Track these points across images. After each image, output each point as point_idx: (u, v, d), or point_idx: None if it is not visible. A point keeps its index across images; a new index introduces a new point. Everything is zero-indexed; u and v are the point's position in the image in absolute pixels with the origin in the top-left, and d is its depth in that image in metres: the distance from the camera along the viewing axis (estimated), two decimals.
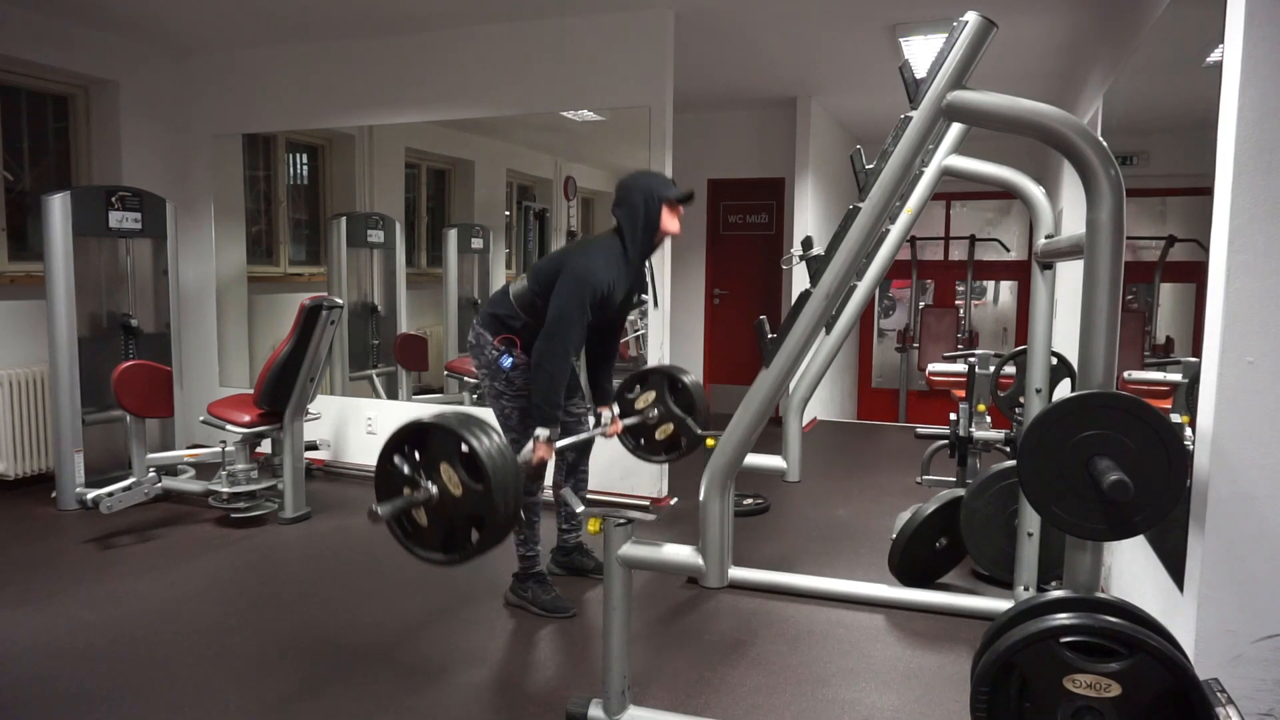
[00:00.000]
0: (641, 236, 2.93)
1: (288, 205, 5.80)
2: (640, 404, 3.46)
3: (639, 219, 2.91)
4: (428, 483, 2.22)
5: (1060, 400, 1.59)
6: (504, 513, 2.20)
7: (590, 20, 4.38)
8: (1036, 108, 1.69)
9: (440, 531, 2.25)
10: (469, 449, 2.17)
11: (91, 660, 2.64)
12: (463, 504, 2.20)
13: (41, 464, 4.50)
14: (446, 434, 2.21)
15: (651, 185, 2.93)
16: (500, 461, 2.18)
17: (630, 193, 2.93)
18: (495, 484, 2.16)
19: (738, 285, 7.27)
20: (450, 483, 2.21)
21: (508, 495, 2.20)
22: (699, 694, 2.48)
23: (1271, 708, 1.88)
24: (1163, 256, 3.17)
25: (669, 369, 3.44)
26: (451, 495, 2.21)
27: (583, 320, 2.84)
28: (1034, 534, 2.85)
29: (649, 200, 2.91)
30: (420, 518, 2.29)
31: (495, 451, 2.19)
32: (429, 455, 2.25)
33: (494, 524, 2.19)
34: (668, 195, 2.92)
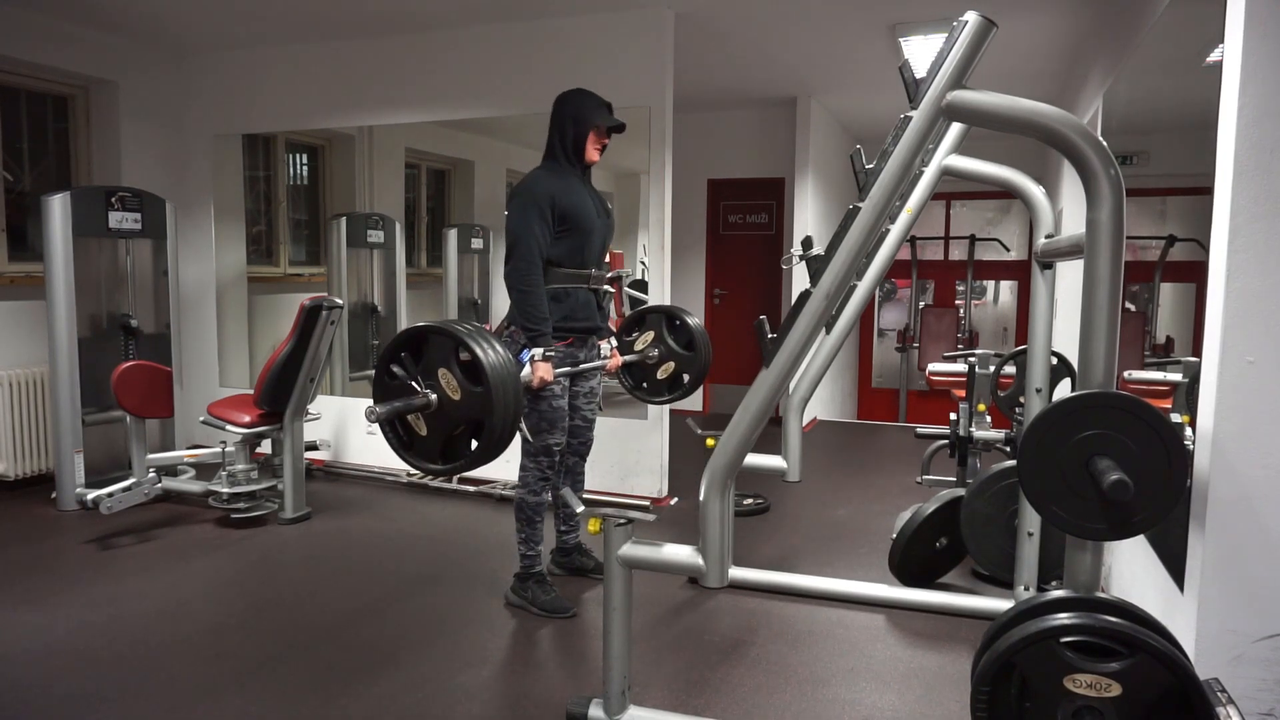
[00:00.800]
0: (570, 154, 3.02)
1: (288, 205, 5.80)
2: (640, 345, 3.44)
3: (567, 138, 3.00)
4: (426, 389, 2.18)
5: (1060, 400, 1.59)
6: (503, 417, 2.14)
7: (590, 20, 4.38)
8: (1036, 107, 1.69)
9: (438, 438, 2.20)
10: (469, 354, 2.14)
11: (91, 660, 2.64)
12: (462, 408, 2.15)
13: (42, 464, 4.50)
14: (446, 338, 2.17)
15: (582, 109, 3.00)
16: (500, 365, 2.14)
17: (562, 108, 3.03)
18: (495, 387, 2.10)
19: (738, 285, 7.27)
20: (449, 388, 2.16)
21: (507, 399, 2.14)
22: (699, 694, 2.48)
23: (1272, 708, 1.88)
24: (1163, 256, 3.17)
25: (667, 307, 3.42)
26: (450, 400, 2.16)
27: (540, 229, 2.89)
28: (1034, 534, 2.85)
29: (577, 121, 2.99)
30: (418, 426, 2.22)
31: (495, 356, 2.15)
32: (427, 360, 2.18)
33: (493, 430, 2.14)
34: (594, 121, 2.99)
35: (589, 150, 3.03)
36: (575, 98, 3.04)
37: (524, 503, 3.06)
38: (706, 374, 3.39)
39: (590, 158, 3.05)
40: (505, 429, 2.15)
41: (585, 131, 3.00)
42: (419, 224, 6.03)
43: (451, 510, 4.33)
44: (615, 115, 3.10)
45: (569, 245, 2.98)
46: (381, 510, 4.33)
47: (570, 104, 3.02)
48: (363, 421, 5.05)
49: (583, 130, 2.99)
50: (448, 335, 2.14)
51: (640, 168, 4.49)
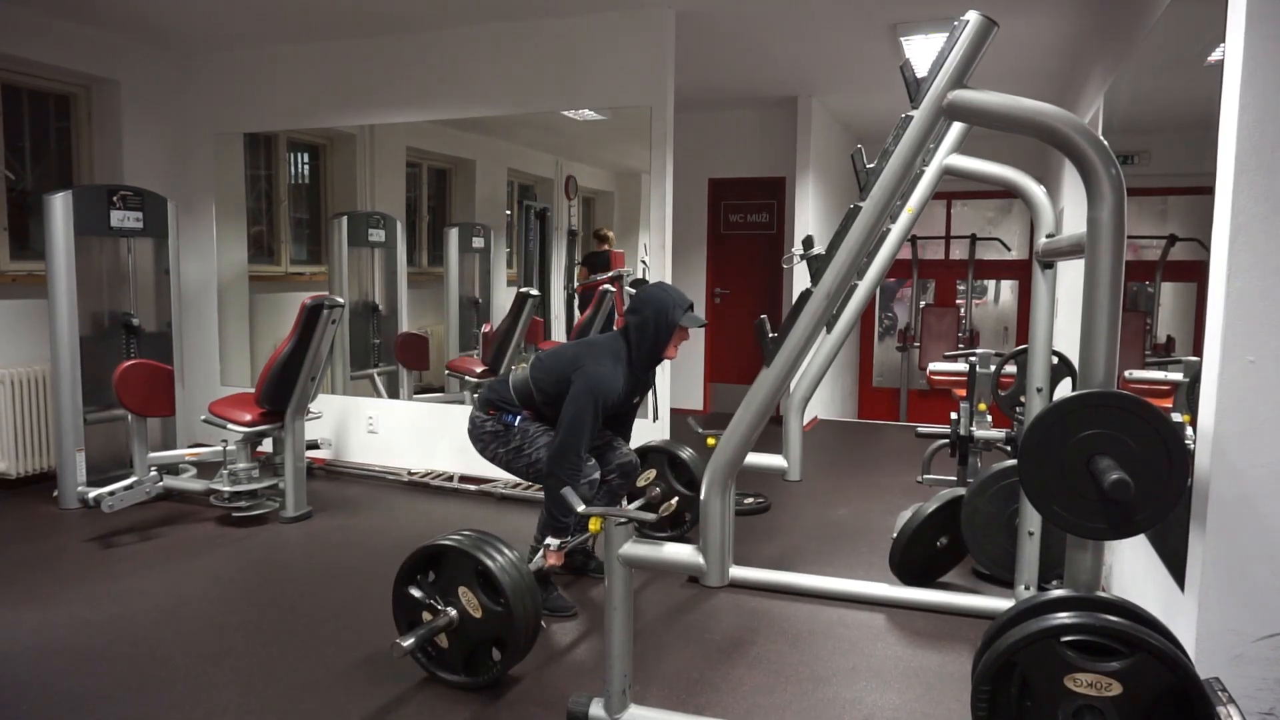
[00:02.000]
0: (647, 351, 3.01)
1: (289, 204, 5.80)
2: (642, 481, 3.52)
3: (648, 334, 2.98)
4: (447, 607, 2.30)
5: (1061, 399, 1.59)
6: (524, 631, 2.28)
7: (591, 20, 4.38)
8: (1037, 107, 1.69)
9: (462, 653, 2.35)
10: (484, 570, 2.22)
11: (92, 659, 2.64)
12: (483, 626, 2.29)
13: (43, 463, 4.50)
14: (463, 556, 2.27)
15: (667, 306, 2.98)
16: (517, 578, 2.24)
17: (646, 305, 2.99)
18: (514, 602, 2.22)
19: (738, 284, 7.27)
20: (470, 605, 2.26)
21: (527, 612, 2.28)
22: (700, 693, 2.49)
23: (1272, 707, 1.88)
24: (1164, 255, 3.17)
25: (666, 446, 3.51)
26: (472, 617, 2.27)
27: (594, 427, 2.91)
28: (1035, 533, 2.85)
29: (660, 321, 2.97)
30: (441, 641, 2.37)
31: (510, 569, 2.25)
32: (446, 578, 2.32)
33: (515, 643, 2.26)
34: (679, 321, 2.98)
35: (670, 350, 3.03)
36: (659, 293, 3.01)
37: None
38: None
39: (669, 355, 3.06)
40: (526, 640, 2.28)
41: (669, 333, 2.98)
42: (420, 223, 6.02)
43: (453, 509, 4.34)
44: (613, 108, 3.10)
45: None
46: (383, 509, 4.33)
47: (655, 300, 2.99)
48: (364, 420, 5.06)
49: (665, 331, 2.97)
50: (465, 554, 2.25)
51: (641, 167, 4.49)
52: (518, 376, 3.11)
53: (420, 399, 5.43)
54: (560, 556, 2.85)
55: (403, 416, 5.06)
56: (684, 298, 3.03)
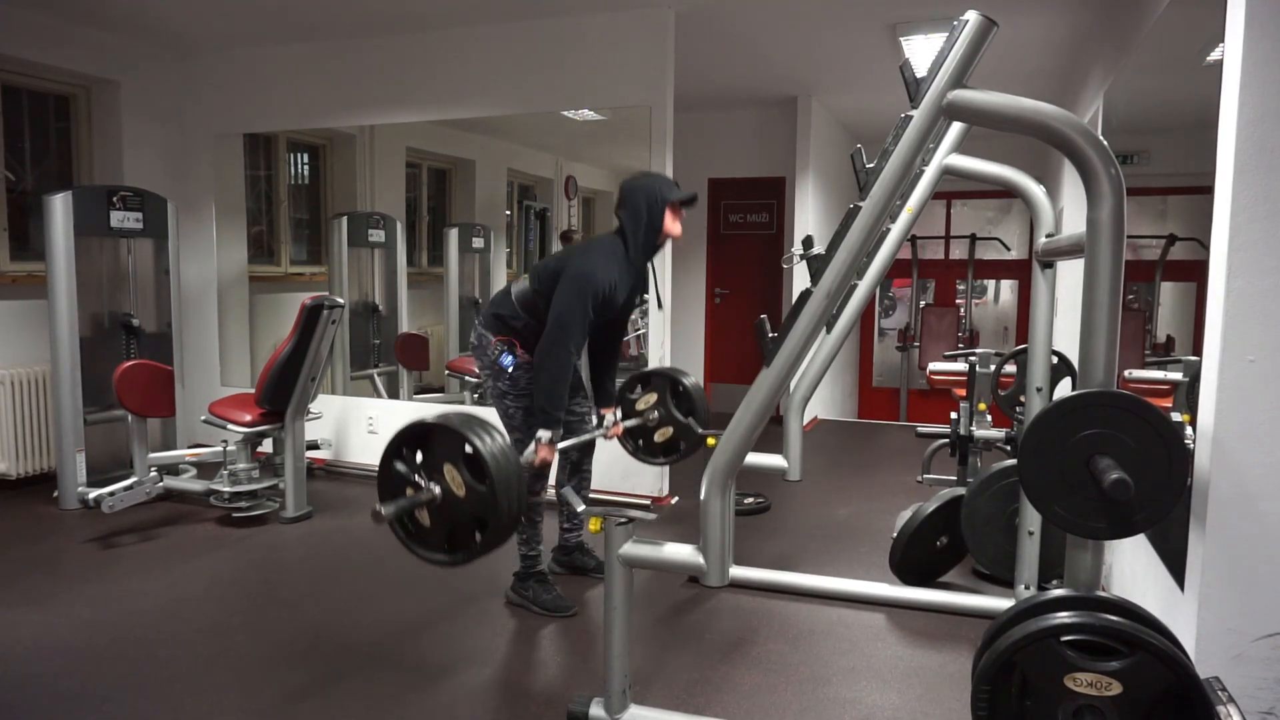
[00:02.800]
0: (644, 238, 2.94)
1: (289, 205, 5.80)
2: (641, 405, 3.47)
3: (642, 221, 2.92)
4: (431, 483, 2.22)
5: (1061, 399, 1.59)
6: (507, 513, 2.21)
7: (591, 20, 4.38)
8: (1037, 106, 1.69)
9: (443, 532, 2.25)
10: (472, 449, 2.17)
11: (93, 659, 2.64)
12: (466, 504, 2.20)
13: (43, 463, 4.50)
14: (450, 434, 2.21)
15: (655, 187, 2.93)
16: (503, 462, 2.18)
17: (633, 194, 2.93)
18: (499, 484, 2.16)
19: (738, 284, 7.27)
20: (454, 483, 2.21)
21: (511, 496, 2.20)
22: (700, 693, 2.49)
23: (1272, 706, 1.88)
24: (1163, 255, 3.17)
25: (671, 371, 3.45)
26: (455, 496, 2.21)
27: (585, 321, 2.84)
28: (1035, 533, 2.85)
29: (652, 202, 2.91)
30: (423, 518, 2.29)
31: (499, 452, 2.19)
32: (432, 456, 2.25)
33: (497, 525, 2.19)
34: (670, 197, 2.93)
35: (669, 223, 2.96)
36: (644, 179, 2.98)
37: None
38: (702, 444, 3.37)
39: (673, 231, 2.99)
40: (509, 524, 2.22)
41: (661, 212, 2.93)
42: (420, 223, 6.03)
43: None
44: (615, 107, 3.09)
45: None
46: None
47: (641, 186, 2.95)
48: (364, 420, 5.06)
49: (658, 211, 2.92)
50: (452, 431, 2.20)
51: (641, 167, 4.49)
52: (520, 286, 3.03)
53: (420, 399, 5.43)
54: (551, 450, 2.82)
55: (403, 417, 5.01)
56: (668, 179, 3.01)
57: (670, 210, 2.95)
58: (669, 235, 2.98)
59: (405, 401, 5.34)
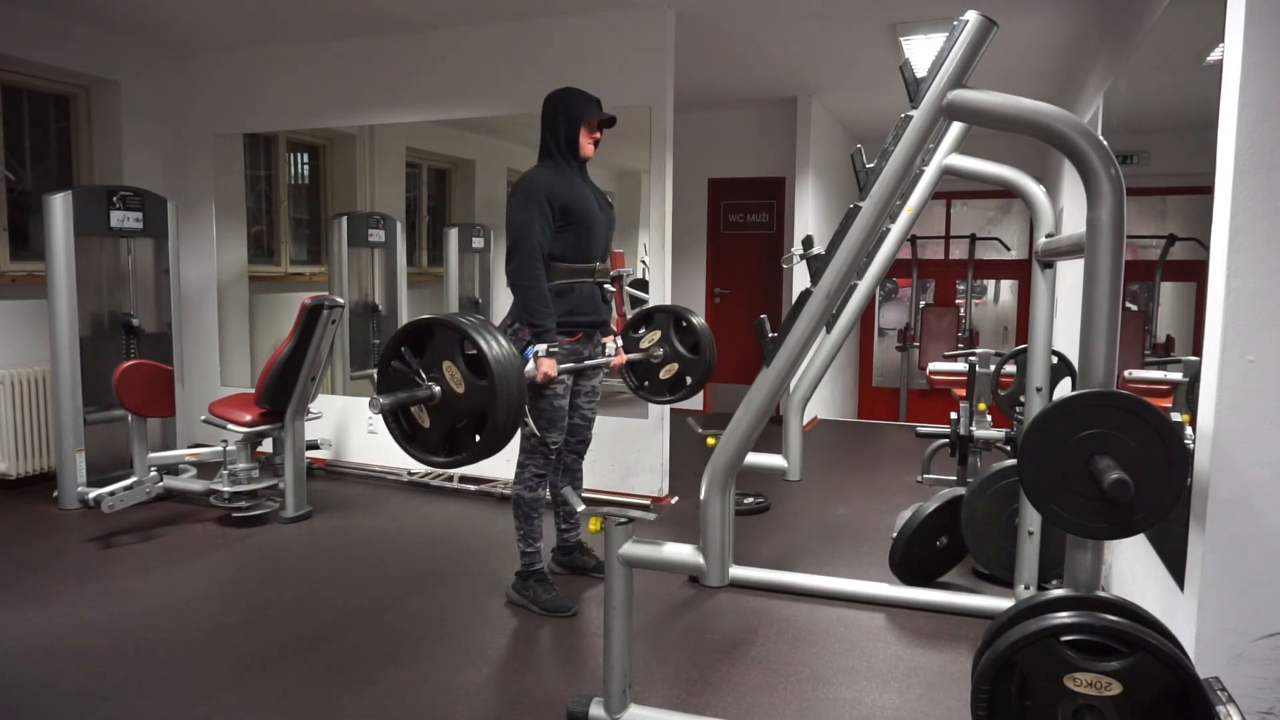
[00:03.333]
0: (565, 151, 3.02)
1: (289, 205, 5.80)
2: (645, 343, 3.45)
3: (559, 135, 3.01)
4: (429, 381, 2.18)
5: (1061, 399, 1.59)
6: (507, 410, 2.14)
7: (590, 20, 4.38)
8: (1037, 107, 1.69)
9: (442, 431, 2.20)
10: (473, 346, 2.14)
11: (93, 659, 2.64)
12: (465, 400, 2.15)
13: (43, 463, 4.50)
14: (450, 330, 2.17)
15: (570, 107, 3.01)
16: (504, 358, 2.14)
17: (552, 106, 3.04)
18: (499, 380, 2.10)
19: (738, 284, 7.27)
20: (453, 380, 2.15)
21: (511, 392, 2.13)
22: (700, 693, 2.49)
23: (1272, 706, 1.88)
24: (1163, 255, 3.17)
25: (675, 308, 3.43)
26: (454, 392, 2.15)
27: (540, 224, 2.89)
28: (1034, 533, 2.85)
29: (568, 120, 3.00)
30: (421, 418, 2.23)
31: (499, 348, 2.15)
32: (432, 353, 2.19)
33: (496, 422, 2.13)
34: (586, 116, 3.01)
35: (583, 145, 3.04)
36: (564, 95, 3.05)
37: (520, 499, 3.07)
38: (710, 377, 3.39)
39: (585, 152, 3.06)
40: (509, 422, 2.15)
41: (577, 127, 3.01)
42: (420, 223, 6.03)
43: (452, 509, 4.34)
44: (607, 110, 3.11)
45: (571, 240, 2.98)
46: (383, 509, 4.34)
47: (560, 102, 3.04)
48: (364, 420, 5.06)
49: (574, 126, 3.01)
50: (452, 328, 2.14)
51: (641, 167, 4.49)
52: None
53: None
54: (553, 364, 2.84)
55: None
56: (590, 98, 3.06)
57: (585, 130, 3.02)
58: (584, 156, 3.06)
59: None
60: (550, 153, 3.03)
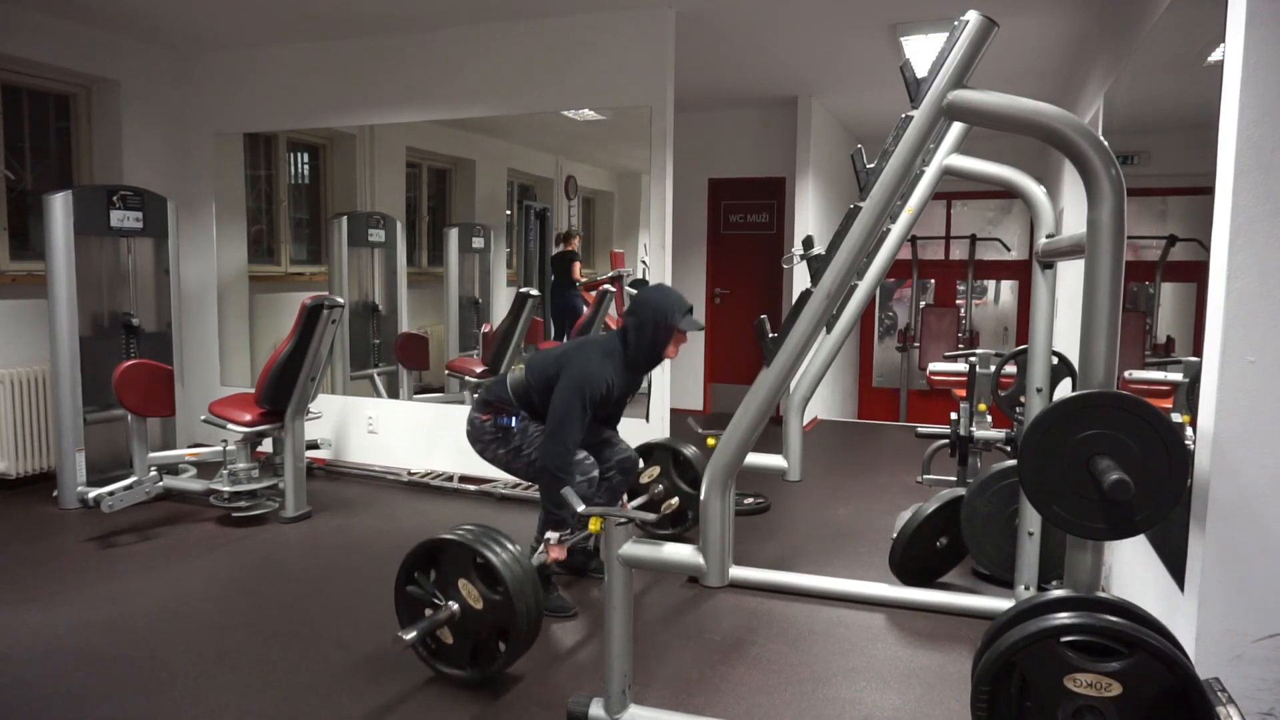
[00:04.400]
0: (646, 353, 3.02)
1: (289, 204, 5.80)
2: (645, 479, 3.53)
3: (646, 337, 2.99)
4: (448, 601, 2.30)
5: (1061, 400, 1.59)
6: (526, 619, 2.28)
7: (591, 20, 4.38)
8: (1037, 107, 1.69)
9: (466, 647, 2.34)
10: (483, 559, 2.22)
11: (93, 659, 2.64)
12: (485, 616, 2.27)
13: (43, 463, 4.50)
14: (460, 549, 2.27)
15: (666, 309, 2.98)
16: (516, 569, 2.24)
17: (644, 308, 3.00)
18: (515, 591, 2.22)
19: (738, 285, 7.27)
20: (470, 597, 2.26)
21: (529, 601, 2.27)
22: (700, 693, 2.49)
23: (1272, 707, 1.88)
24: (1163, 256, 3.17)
25: (669, 443, 3.52)
26: (473, 609, 2.28)
27: (583, 420, 2.91)
28: (1035, 533, 2.85)
29: (659, 324, 2.97)
30: (445, 636, 2.36)
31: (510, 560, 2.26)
32: (446, 573, 2.33)
33: (518, 632, 2.25)
34: (678, 324, 2.98)
35: (671, 347, 3.04)
36: (659, 296, 3.01)
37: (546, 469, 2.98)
38: None
39: (671, 354, 3.07)
40: (530, 629, 2.27)
41: (670, 336, 2.99)
42: (420, 223, 6.02)
43: (453, 509, 4.34)
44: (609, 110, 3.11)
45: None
46: (382, 509, 4.34)
47: (654, 302, 2.99)
48: (364, 420, 5.06)
49: (667, 336, 2.99)
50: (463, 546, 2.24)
51: (641, 167, 4.49)
52: (515, 376, 3.12)
53: (420, 399, 5.43)
54: (562, 550, 2.86)
55: (403, 416, 5.06)
56: (683, 301, 3.03)
57: (674, 335, 3.01)
58: (667, 357, 3.07)
59: (405, 401, 5.34)
60: (628, 346, 3.01)
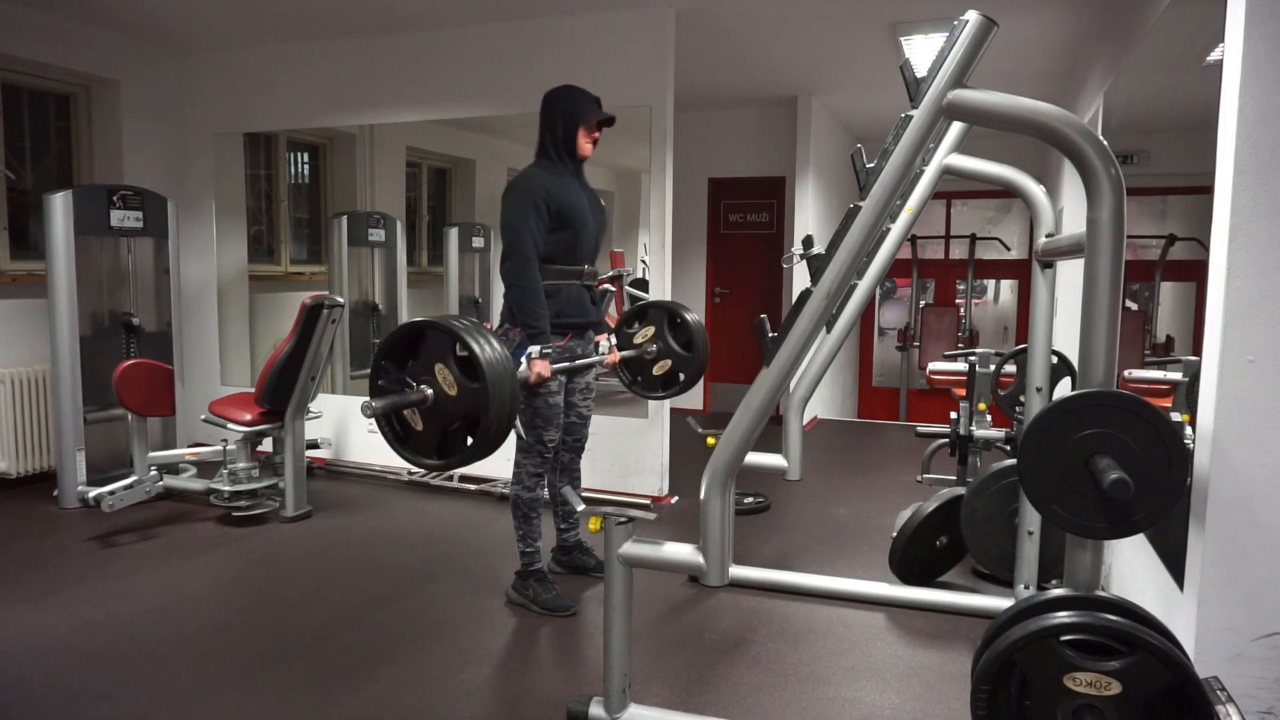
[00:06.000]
0: (563, 150, 3.02)
1: (289, 204, 5.80)
2: (639, 339, 3.45)
3: (558, 134, 3.00)
4: (422, 385, 2.16)
5: (1061, 399, 1.59)
6: (499, 413, 2.12)
7: (591, 19, 4.38)
8: (1037, 106, 1.69)
9: (435, 434, 2.18)
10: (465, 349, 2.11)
11: (93, 658, 2.64)
12: (458, 403, 2.13)
13: (43, 462, 4.51)
14: (443, 333, 2.16)
15: (570, 106, 3.00)
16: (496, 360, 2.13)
17: (551, 105, 3.03)
18: (491, 383, 2.08)
19: (738, 284, 7.27)
20: (445, 383, 2.14)
21: (504, 395, 2.11)
22: (700, 692, 2.49)
23: (1272, 706, 1.88)
24: (1163, 255, 3.18)
25: (669, 304, 3.44)
26: (446, 395, 2.13)
27: (535, 225, 2.89)
28: (1034, 532, 2.85)
29: (567, 117, 2.99)
30: (414, 421, 2.21)
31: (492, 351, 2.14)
32: (424, 356, 2.17)
33: (489, 426, 2.11)
34: (585, 115, 3.00)
35: (581, 144, 3.03)
36: (564, 93, 3.04)
37: (519, 499, 3.07)
38: (703, 374, 3.39)
39: (583, 152, 3.05)
40: (501, 425, 2.13)
41: (576, 126, 3.00)
42: (420, 223, 6.03)
43: (452, 508, 4.34)
44: (606, 110, 3.10)
45: (562, 242, 2.98)
46: (382, 508, 4.34)
47: (559, 100, 3.03)
48: (364, 420, 5.06)
49: (573, 125, 3.00)
50: (444, 330, 2.13)
51: (641, 167, 4.49)
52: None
53: None
54: (546, 365, 2.83)
55: None
56: (589, 96, 3.04)
57: (584, 130, 3.01)
58: (582, 155, 3.05)
59: None
60: (547, 151, 3.03)
